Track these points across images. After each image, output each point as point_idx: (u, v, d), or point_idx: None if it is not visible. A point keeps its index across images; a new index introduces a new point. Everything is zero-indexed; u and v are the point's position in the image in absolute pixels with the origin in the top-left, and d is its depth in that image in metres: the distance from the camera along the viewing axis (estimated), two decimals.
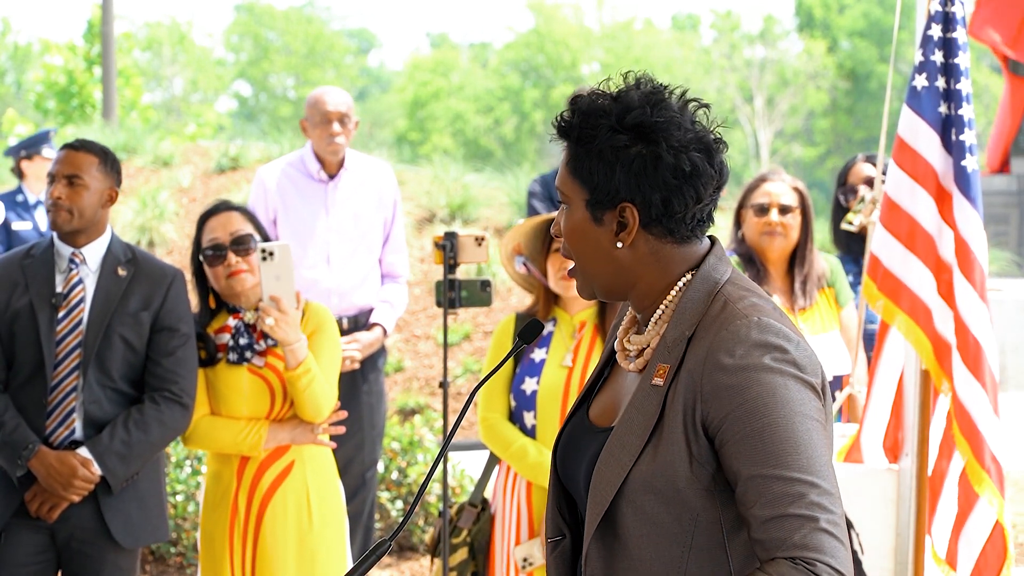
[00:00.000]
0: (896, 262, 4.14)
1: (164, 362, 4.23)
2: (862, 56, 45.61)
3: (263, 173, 6.01)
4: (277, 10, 50.92)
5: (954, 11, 4.14)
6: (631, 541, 2.13)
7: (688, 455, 2.10)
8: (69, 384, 4.18)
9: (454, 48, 53.45)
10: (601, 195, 2.17)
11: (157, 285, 4.28)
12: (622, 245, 2.18)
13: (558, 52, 45.58)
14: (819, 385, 2.12)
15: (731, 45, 46.57)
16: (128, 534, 4.22)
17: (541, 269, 4.31)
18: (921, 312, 4.11)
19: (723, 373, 2.08)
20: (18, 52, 46.34)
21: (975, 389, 4.02)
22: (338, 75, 49.93)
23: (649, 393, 2.15)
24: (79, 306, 4.23)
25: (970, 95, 4.14)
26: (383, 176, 6.02)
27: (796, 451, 2.04)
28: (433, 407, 9.47)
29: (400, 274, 6.04)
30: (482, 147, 43.02)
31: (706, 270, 2.20)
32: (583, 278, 2.25)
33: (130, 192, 12.15)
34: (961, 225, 4.05)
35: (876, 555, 4.27)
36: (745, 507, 2.05)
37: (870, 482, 4.29)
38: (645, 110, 2.15)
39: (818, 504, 2.02)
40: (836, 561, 2.00)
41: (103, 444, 4.14)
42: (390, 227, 6.00)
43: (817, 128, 46.21)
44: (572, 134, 2.19)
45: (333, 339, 4.37)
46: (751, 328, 2.10)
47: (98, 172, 4.25)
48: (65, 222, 4.23)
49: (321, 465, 4.35)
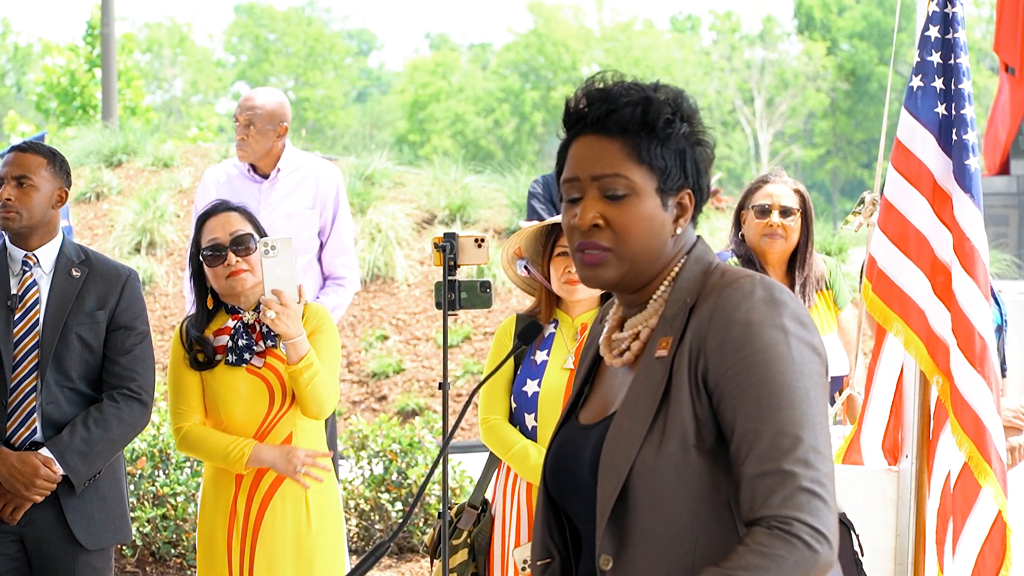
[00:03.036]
0: (889, 263, 4.15)
1: (121, 360, 4.26)
2: (862, 58, 45.62)
3: (208, 172, 6.10)
4: (277, 11, 50.93)
5: (954, 12, 4.14)
6: (643, 514, 2.13)
7: (694, 417, 2.11)
8: (28, 385, 4.19)
9: (454, 49, 53.46)
10: (672, 182, 2.20)
11: (112, 284, 4.30)
12: (680, 231, 2.22)
13: (558, 53, 45.60)
14: (821, 347, 2.14)
15: (731, 46, 46.59)
16: (90, 535, 4.23)
17: (543, 272, 4.31)
18: (913, 313, 4.12)
19: (728, 327, 2.10)
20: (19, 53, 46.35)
21: (980, 386, 4.02)
22: (338, 76, 49.96)
23: (654, 366, 2.16)
24: (35, 307, 4.24)
25: (971, 95, 4.14)
26: (324, 176, 5.98)
27: (791, 406, 2.05)
28: (433, 408, 9.47)
29: (343, 276, 5.98)
30: (482, 148, 43.02)
31: (698, 252, 2.25)
32: (621, 265, 2.21)
33: (130, 194, 12.16)
34: (964, 224, 4.05)
35: (876, 556, 4.27)
36: (736, 464, 2.07)
37: (870, 483, 4.29)
38: (687, 99, 2.23)
39: (804, 460, 2.03)
40: (814, 519, 2.01)
41: (64, 443, 4.15)
42: (331, 228, 5.96)
43: (817, 130, 46.21)
44: (638, 122, 2.18)
45: (333, 338, 4.37)
46: (756, 285, 2.14)
47: (47, 173, 4.27)
48: (14, 222, 4.24)
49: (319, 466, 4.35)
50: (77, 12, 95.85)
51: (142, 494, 6.56)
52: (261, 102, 5.89)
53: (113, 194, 12.29)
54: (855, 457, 4.37)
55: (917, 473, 4.22)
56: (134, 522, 6.47)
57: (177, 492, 6.54)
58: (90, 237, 11.47)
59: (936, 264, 4.12)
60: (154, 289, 10.97)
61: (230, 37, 52.55)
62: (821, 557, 2.01)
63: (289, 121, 5.97)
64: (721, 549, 2.09)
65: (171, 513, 6.55)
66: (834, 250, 11.94)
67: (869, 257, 4.22)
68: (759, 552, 2.00)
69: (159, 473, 6.63)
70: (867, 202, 4.52)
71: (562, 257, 4.25)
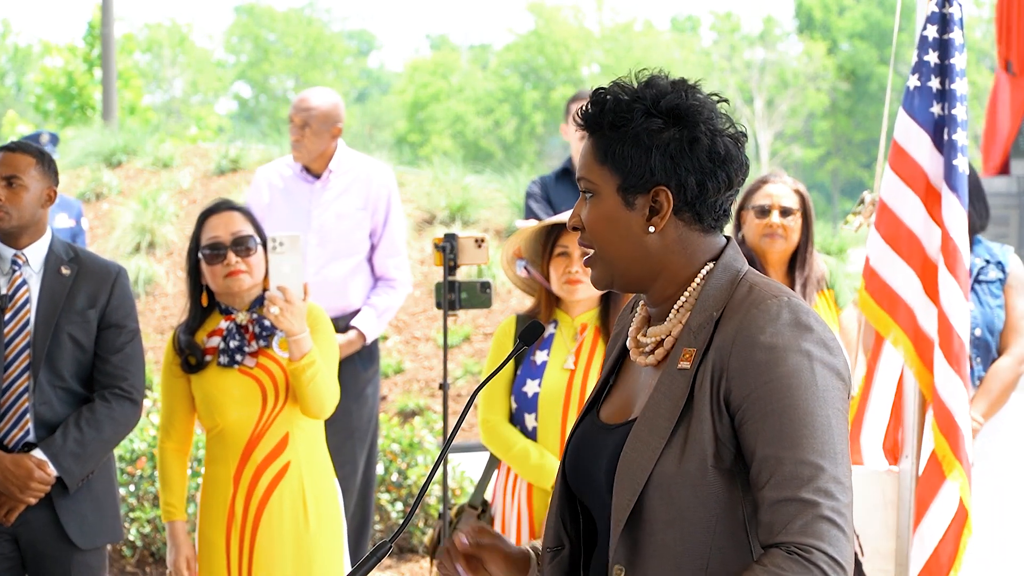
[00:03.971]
0: (882, 264, 4.16)
1: (112, 359, 4.27)
2: (862, 58, 45.61)
3: (259, 172, 6.09)
4: (277, 12, 50.91)
5: (951, 12, 4.14)
6: (658, 528, 2.12)
7: (714, 436, 2.10)
8: (21, 385, 4.19)
9: (454, 50, 53.44)
10: (635, 179, 2.17)
11: (102, 282, 4.30)
12: (654, 230, 2.18)
13: (558, 54, 45.58)
14: (843, 369, 2.13)
15: (731, 47, 46.57)
16: (84, 535, 4.24)
17: (543, 272, 4.31)
18: (903, 312, 4.13)
19: (753, 350, 2.08)
20: (18, 54, 46.34)
21: (956, 385, 4.04)
22: (338, 77, 49.95)
23: (676, 377, 2.15)
24: (25, 307, 4.24)
25: (965, 96, 4.14)
26: (376, 177, 5.97)
27: (813, 435, 2.04)
28: (433, 409, 9.47)
29: (394, 277, 5.97)
30: (482, 149, 43.01)
31: (727, 260, 2.21)
32: (605, 268, 2.23)
33: (130, 194, 12.15)
34: (949, 223, 4.07)
35: (876, 557, 4.27)
36: (756, 487, 2.06)
37: (870, 484, 4.29)
38: (679, 94, 2.18)
39: (825, 490, 2.02)
40: (833, 549, 2.00)
41: (57, 444, 4.16)
42: (382, 229, 5.97)
43: (817, 130, 46.21)
44: (604, 120, 2.18)
45: (331, 339, 4.37)
46: (783, 307, 2.11)
47: (36, 172, 4.26)
48: (4, 222, 4.24)
49: (318, 467, 4.35)
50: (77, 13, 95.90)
51: (142, 494, 6.55)
52: (316, 103, 5.88)
53: (113, 194, 12.28)
54: (855, 457, 4.37)
55: (917, 474, 4.22)
56: (134, 523, 6.47)
57: None
58: (90, 237, 11.47)
59: (927, 263, 4.13)
60: (154, 289, 10.96)
61: (230, 37, 52.55)
62: None
63: (343, 122, 5.97)
64: (734, 568, 2.09)
65: None
66: (834, 250, 11.95)
67: (866, 258, 4.22)
68: (776, 574, 2.00)
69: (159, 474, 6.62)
70: (867, 202, 4.51)
71: (562, 257, 4.25)
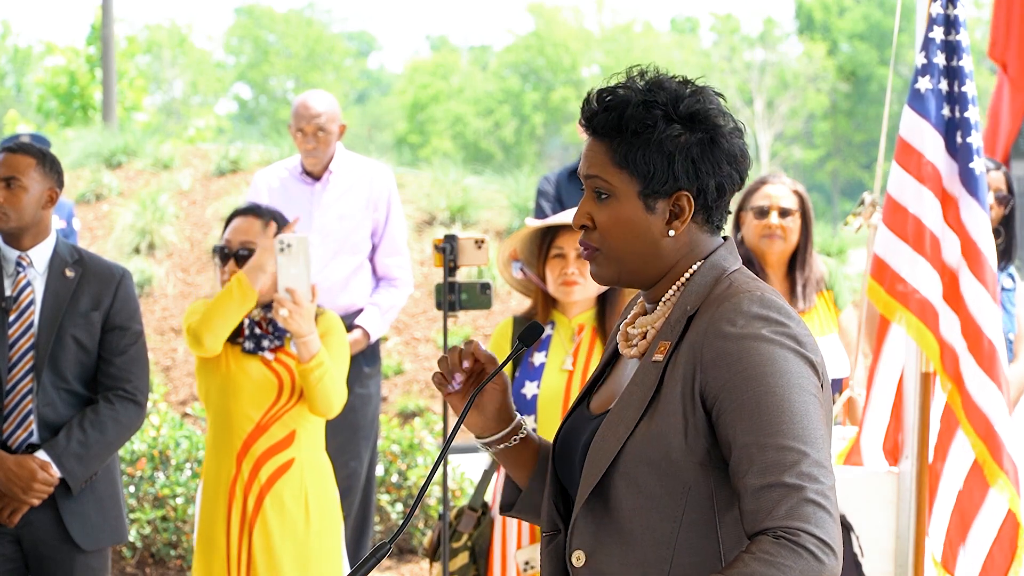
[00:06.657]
0: (904, 264, 4.11)
1: (117, 361, 4.26)
2: (862, 59, 45.62)
3: (259, 175, 6.09)
4: (277, 13, 50.92)
5: (956, 14, 4.14)
6: (622, 515, 2.14)
7: (684, 425, 2.11)
8: (24, 387, 4.19)
9: (454, 51, 53.45)
10: (658, 185, 2.18)
11: (106, 284, 4.29)
12: (674, 233, 2.20)
13: (558, 55, 45.59)
14: (818, 363, 2.14)
15: (731, 48, 46.57)
16: (87, 536, 4.23)
17: (539, 274, 4.31)
18: (930, 314, 4.10)
19: (723, 341, 2.10)
20: (18, 55, 46.34)
21: (990, 390, 4.01)
22: (338, 78, 49.95)
23: (649, 369, 2.17)
24: (29, 308, 4.24)
25: (975, 97, 4.13)
26: (376, 178, 5.99)
27: (791, 421, 2.05)
28: (433, 410, 9.47)
29: (396, 277, 5.99)
30: (482, 150, 43.02)
31: (716, 258, 2.22)
32: (612, 265, 2.23)
33: (130, 195, 12.15)
34: (971, 227, 4.05)
35: (876, 558, 4.27)
36: (737, 477, 2.06)
37: (870, 485, 4.29)
38: (696, 98, 2.20)
39: (808, 474, 2.03)
40: (820, 531, 2.01)
41: (61, 446, 4.15)
42: (383, 229, 5.97)
43: (817, 131, 46.20)
44: (625, 127, 2.18)
45: (342, 344, 4.40)
46: (753, 302, 2.13)
47: (36, 174, 4.24)
48: (3, 224, 4.23)
49: (318, 466, 4.38)
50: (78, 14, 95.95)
51: (142, 495, 6.56)
52: (323, 108, 5.87)
53: (113, 195, 12.27)
54: (855, 458, 4.37)
55: (917, 474, 4.22)
56: (134, 524, 6.47)
57: (177, 493, 6.54)
58: (90, 238, 11.46)
59: (943, 268, 4.11)
60: (153, 291, 10.96)
61: (230, 38, 52.56)
62: (827, 568, 2.01)
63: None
64: (698, 560, 2.10)
65: (171, 515, 6.55)
66: (834, 251, 11.94)
67: (874, 256, 4.20)
68: (765, 560, 2.00)
69: (159, 474, 6.63)
70: (867, 203, 4.51)
71: (557, 259, 4.25)
